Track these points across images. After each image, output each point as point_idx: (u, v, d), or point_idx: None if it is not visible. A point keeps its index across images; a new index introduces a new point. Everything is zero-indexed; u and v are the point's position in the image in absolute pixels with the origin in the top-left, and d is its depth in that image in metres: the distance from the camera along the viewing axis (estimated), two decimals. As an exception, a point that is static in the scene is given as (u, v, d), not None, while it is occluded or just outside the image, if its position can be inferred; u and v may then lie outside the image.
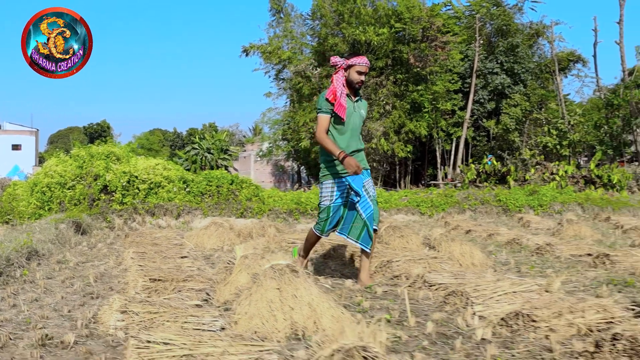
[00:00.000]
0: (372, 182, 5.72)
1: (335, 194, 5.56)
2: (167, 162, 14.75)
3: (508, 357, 3.22)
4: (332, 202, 5.55)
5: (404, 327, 3.89)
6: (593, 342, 3.13)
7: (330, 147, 5.45)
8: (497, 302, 4.21)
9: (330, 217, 5.54)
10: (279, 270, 3.99)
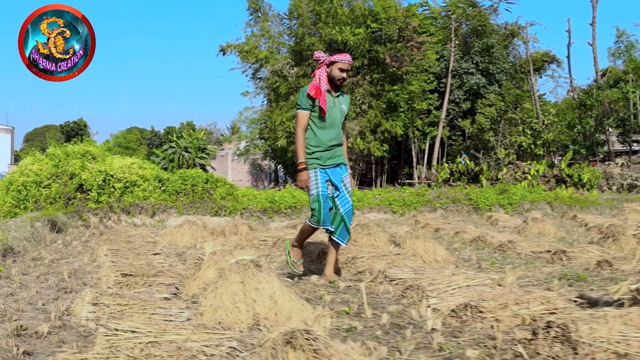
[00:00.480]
0: (350, 178, 5.85)
1: (320, 181, 5.58)
2: (143, 161, 14.89)
3: (454, 345, 3.45)
4: (319, 190, 5.55)
5: (361, 319, 4.12)
6: (531, 330, 3.37)
7: (299, 150, 5.61)
8: (451, 295, 4.46)
9: (322, 205, 5.50)
10: (243, 265, 4.19)
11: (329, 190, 5.63)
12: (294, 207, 13.59)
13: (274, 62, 31.96)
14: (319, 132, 5.68)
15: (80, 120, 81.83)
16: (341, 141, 5.87)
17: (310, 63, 31.56)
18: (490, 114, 34.00)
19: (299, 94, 5.78)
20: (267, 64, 32.33)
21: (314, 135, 5.68)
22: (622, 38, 37.96)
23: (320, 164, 5.66)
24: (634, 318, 3.27)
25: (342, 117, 5.90)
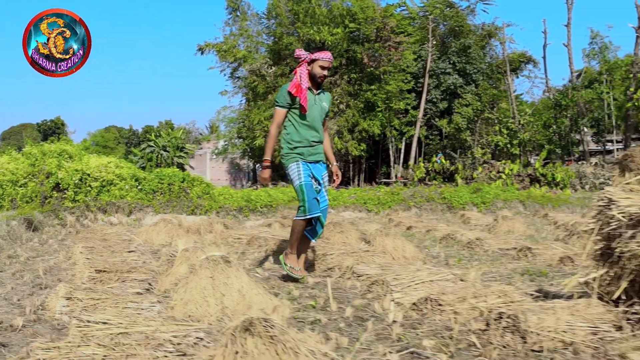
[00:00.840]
0: (327, 177, 5.97)
1: (303, 172, 5.65)
2: (120, 160, 14.96)
3: (412, 335, 3.62)
4: (302, 181, 5.60)
5: (326, 312, 4.28)
6: (484, 321, 3.55)
7: (267, 148, 5.78)
8: (414, 289, 4.63)
9: (307, 194, 5.53)
10: (213, 261, 4.34)
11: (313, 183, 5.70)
12: (270, 205, 13.72)
13: (252, 62, 32.07)
14: (300, 129, 5.75)
15: (57, 119, 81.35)
16: (322, 138, 5.96)
17: (289, 62, 31.70)
18: (467, 113, 34.32)
19: (278, 91, 5.84)
20: (246, 63, 32.43)
21: (297, 132, 5.75)
22: (596, 39, 38.51)
23: (302, 158, 5.74)
24: (581, 309, 3.45)
25: (323, 115, 5.98)
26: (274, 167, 32.88)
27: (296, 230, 5.68)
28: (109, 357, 2.78)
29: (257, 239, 8.46)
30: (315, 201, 5.58)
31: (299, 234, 5.70)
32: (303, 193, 5.55)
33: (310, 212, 5.51)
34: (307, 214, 5.52)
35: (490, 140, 34.49)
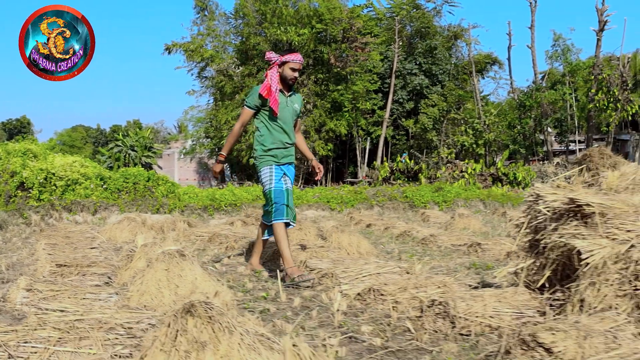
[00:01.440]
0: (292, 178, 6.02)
1: (275, 178, 5.70)
2: (85, 159, 15.02)
3: (353, 322, 3.87)
4: (272, 187, 5.67)
5: (276, 303, 4.51)
6: (419, 309, 3.81)
7: (227, 145, 5.99)
8: (362, 281, 4.88)
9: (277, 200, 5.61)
10: (169, 254, 4.56)
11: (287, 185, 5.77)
12: (235, 204, 13.91)
13: (219, 62, 32.14)
14: (274, 131, 5.79)
15: (23, 118, 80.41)
16: (294, 140, 6.00)
17: (256, 62, 31.83)
18: (432, 114, 34.72)
19: (250, 92, 5.88)
20: (213, 63, 32.48)
21: (270, 134, 5.78)
22: (558, 42, 39.13)
23: (276, 161, 5.80)
24: (508, 297, 3.73)
25: (295, 116, 6.03)
26: (243, 166, 33.04)
27: (279, 237, 5.65)
28: (63, 339, 2.99)
29: (219, 236, 8.65)
30: (285, 207, 5.64)
31: (285, 239, 5.65)
32: (272, 198, 5.65)
33: (281, 215, 5.61)
34: (278, 218, 5.60)
35: (456, 140, 34.95)
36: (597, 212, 3.62)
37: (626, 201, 3.77)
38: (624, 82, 32.49)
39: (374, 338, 3.44)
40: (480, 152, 34.20)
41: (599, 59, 33.75)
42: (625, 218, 3.62)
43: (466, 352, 3.22)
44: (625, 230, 3.57)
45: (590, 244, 3.50)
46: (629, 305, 3.41)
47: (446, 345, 3.26)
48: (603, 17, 33.49)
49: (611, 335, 2.89)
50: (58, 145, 69.51)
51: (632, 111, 32.49)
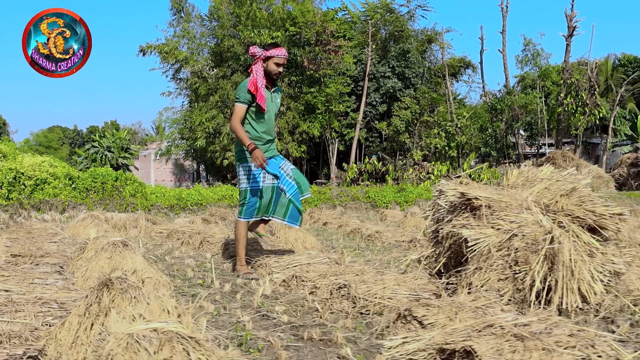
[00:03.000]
0: (289, 163, 6.02)
1: (252, 178, 5.71)
2: (54, 159, 15.36)
3: (272, 304, 4.29)
4: (249, 185, 5.70)
5: (208, 288, 4.93)
6: (328, 292, 4.24)
7: (242, 137, 5.61)
8: (292, 270, 5.30)
9: (247, 201, 5.66)
10: (113, 244, 4.98)
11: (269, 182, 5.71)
12: (200, 204, 14.29)
13: (193, 63, 32.45)
14: (257, 127, 5.80)
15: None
16: (274, 135, 6.07)
17: (230, 65, 32.18)
18: (405, 116, 35.19)
19: (239, 88, 5.83)
20: (187, 64, 32.78)
21: (253, 130, 5.78)
22: (529, 46, 39.84)
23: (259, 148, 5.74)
24: (408, 281, 4.18)
25: (277, 112, 6.10)
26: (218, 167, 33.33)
27: (239, 235, 5.76)
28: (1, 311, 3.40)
29: (176, 232, 9.04)
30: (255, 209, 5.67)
31: (244, 238, 5.76)
32: (244, 196, 5.72)
33: (248, 215, 5.69)
34: (244, 216, 5.70)
35: (429, 142, 35.46)
36: (483, 204, 4.07)
37: (514, 195, 4.23)
38: (591, 86, 33.19)
39: (283, 316, 3.87)
40: (453, 154, 34.72)
41: (568, 64, 34.43)
42: (509, 210, 4.08)
43: (359, 326, 3.65)
44: (509, 221, 4.02)
45: (477, 234, 3.95)
46: (510, 288, 3.86)
47: (344, 321, 3.69)
48: (572, 23, 34.15)
49: (481, 311, 3.34)
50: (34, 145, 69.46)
51: (599, 115, 33.22)
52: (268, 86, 5.91)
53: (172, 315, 2.43)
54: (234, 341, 3.32)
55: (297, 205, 5.77)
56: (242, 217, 5.73)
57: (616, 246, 4.17)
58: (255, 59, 5.87)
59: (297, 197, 5.79)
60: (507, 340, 2.63)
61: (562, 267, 3.78)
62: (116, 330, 2.18)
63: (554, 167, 16.59)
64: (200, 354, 2.10)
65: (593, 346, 2.66)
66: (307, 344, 3.27)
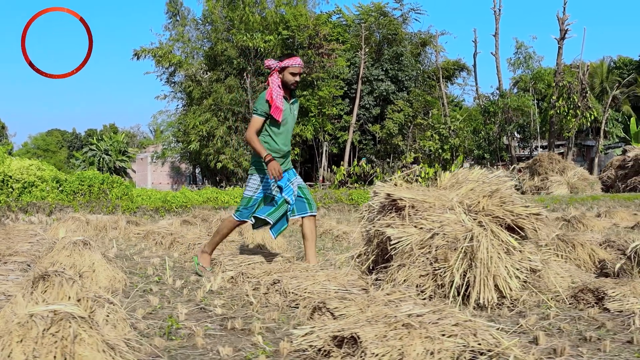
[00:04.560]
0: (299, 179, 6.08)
1: (260, 189, 5.74)
2: (41, 162, 15.65)
3: (214, 298, 4.58)
4: (254, 195, 5.75)
5: (162, 285, 5.23)
6: (267, 286, 4.53)
7: (258, 148, 5.64)
8: (245, 268, 5.59)
9: (249, 207, 5.72)
10: (74, 243, 5.28)
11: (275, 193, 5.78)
12: (185, 206, 14.59)
13: (187, 67, 32.78)
14: (276, 139, 5.81)
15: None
16: (289, 149, 6.07)
17: (224, 68, 32.52)
18: (398, 119, 35.45)
19: (257, 100, 5.82)
20: (181, 68, 33.11)
21: (272, 141, 5.79)
22: (521, 49, 40.17)
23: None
24: (339, 276, 4.47)
25: (294, 123, 6.09)
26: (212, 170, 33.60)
27: (222, 232, 5.87)
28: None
29: (152, 233, 9.32)
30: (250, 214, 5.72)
31: (225, 235, 5.91)
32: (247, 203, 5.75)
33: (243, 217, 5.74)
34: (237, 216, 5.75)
35: (422, 145, 35.72)
36: (407, 205, 4.36)
37: (439, 196, 4.52)
38: (583, 89, 33.46)
39: (218, 309, 4.15)
40: (446, 157, 34.99)
41: (560, 67, 34.72)
42: (432, 210, 4.36)
43: (282, 318, 3.93)
44: (432, 220, 4.31)
45: (400, 232, 4.24)
46: (430, 284, 4.15)
47: (271, 313, 3.97)
48: (564, 26, 34.43)
49: (394, 304, 3.62)
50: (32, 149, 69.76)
51: (591, 118, 33.48)
52: (286, 97, 5.88)
53: (72, 300, 2.72)
54: (162, 330, 3.60)
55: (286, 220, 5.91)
56: (235, 215, 5.79)
57: (535, 244, 4.46)
58: (270, 71, 5.86)
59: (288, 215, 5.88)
60: (395, 328, 2.91)
61: (479, 264, 4.06)
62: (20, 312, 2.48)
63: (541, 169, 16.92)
64: (82, 330, 2.39)
65: (475, 335, 2.93)
66: (227, 333, 3.56)
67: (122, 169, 53.88)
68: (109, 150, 54.08)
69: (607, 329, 3.66)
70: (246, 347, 3.24)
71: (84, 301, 2.82)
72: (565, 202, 17.72)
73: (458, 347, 2.84)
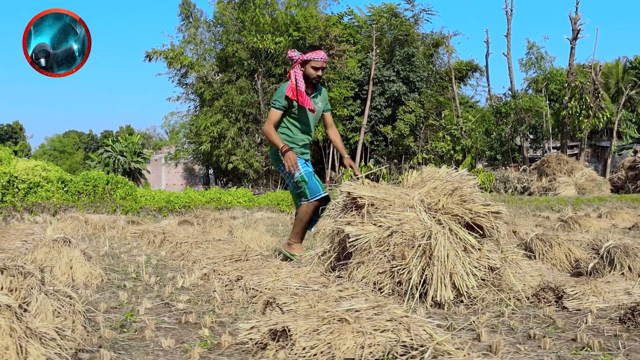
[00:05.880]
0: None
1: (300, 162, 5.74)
2: (47, 163, 15.91)
3: (181, 293, 4.69)
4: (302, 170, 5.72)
5: (137, 281, 5.35)
6: (231, 284, 4.64)
7: (275, 139, 5.70)
8: (219, 265, 5.70)
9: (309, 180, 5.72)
10: (54, 240, 5.43)
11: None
12: (188, 206, 14.75)
13: (198, 69, 33.01)
14: (294, 131, 5.89)
15: (15, 124, 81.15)
16: (311, 140, 6.11)
17: (235, 70, 32.71)
18: (409, 120, 35.49)
19: (276, 93, 5.83)
20: (192, 70, 33.34)
21: (292, 134, 5.88)
22: (532, 50, 40.06)
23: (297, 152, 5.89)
24: (301, 274, 4.57)
25: (319, 116, 6.09)
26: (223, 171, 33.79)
27: (302, 218, 5.89)
28: None
29: (147, 233, 9.46)
30: (318, 184, 5.78)
31: (305, 223, 5.93)
32: (304, 182, 5.73)
33: (315, 193, 5.75)
34: (311, 197, 5.75)
35: (434, 146, 35.75)
36: (367, 203, 4.46)
37: (400, 195, 4.61)
38: (596, 89, 33.31)
39: (181, 304, 4.26)
40: (458, 158, 35.04)
41: (572, 67, 34.61)
42: (392, 209, 4.45)
43: (241, 312, 4.04)
44: (391, 218, 4.40)
45: (358, 230, 4.34)
46: (388, 281, 4.24)
47: (230, 309, 4.08)
48: (577, 26, 34.32)
49: (345, 300, 3.72)
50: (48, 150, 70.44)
51: (603, 118, 33.32)
52: (308, 91, 5.87)
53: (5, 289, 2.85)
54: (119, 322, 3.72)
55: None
56: (309, 199, 5.78)
57: (496, 243, 4.53)
58: (292, 63, 5.87)
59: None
60: (329, 322, 3.00)
61: (437, 262, 4.14)
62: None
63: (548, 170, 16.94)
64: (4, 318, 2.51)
65: (408, 330, 3.02)
66: (179, 327, 3.67)
67: (137, 170, 54.31)
68: (124, 151, 54.53)
69: (556, 327, 3.72)
70: (191, 340, 3.35)
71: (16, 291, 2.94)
72: (571, 203, 17.69)
73: (390, 341, 2.93)
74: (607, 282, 4.65)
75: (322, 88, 6.14)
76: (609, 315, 3.99)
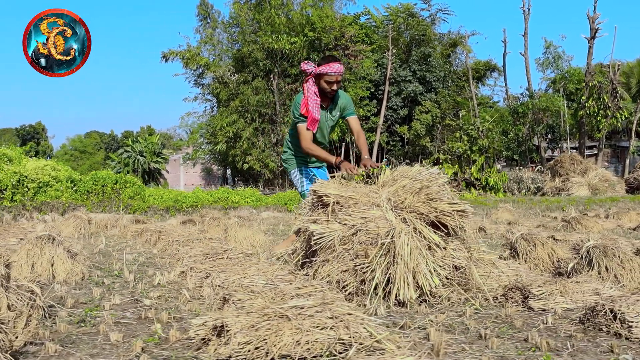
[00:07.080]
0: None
1: (304, 180, 5.87)
2: (57, 163, 16.12)
3: (154, 290, 4.78)
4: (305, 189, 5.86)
5: (117, 278, 5.46)
6: (201, 280, 4.72)
7: (323, 155, 5.71)
8: (201, 263, 5.79)
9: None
10: (39, 238, 5.55)
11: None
12: (195, 205, 14.88)
13: (214, 69, 33.18)
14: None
15: (38, 124, 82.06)
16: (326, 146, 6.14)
17: (251, 70, 32.85)
18: (426, 120, 35.40)
19: (294, 105, 5.78)
20: (209, 70, 33.54)
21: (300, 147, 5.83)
22: (550, 49, 39.79)
23: (304, 162, 6.03)
24: (269, 271, 4.64)
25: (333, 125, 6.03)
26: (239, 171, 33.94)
27: None
28: None
29: (147, 231, 9.59)
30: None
31: None
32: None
33: None
34: None
35: (450, 146, 35.61)
36: (332, 201, 4.52)
37: (367, 193, 4.66)
38: (614, 89, 33.01)
39: (149, 300, 4.35)
40: (475, 158, 34.87)
41: (590, 66, 34.33)
42: (357, 207, 4.51)
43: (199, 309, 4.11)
44: (356, 217, 4.45)
45: (323, 228, 4.39)
46: (352, 280, 4.29)
47: (193, 305, 4.16)
48: (595, 25, 34.02)
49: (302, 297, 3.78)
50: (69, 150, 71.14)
51: (622, 118, 33.01)
52: (323, 105, 5.77)
53: None
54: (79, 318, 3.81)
55: None
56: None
57: (462, 241, 4.57)
58: (306, 76, 5.73)
59: None
60: (269, 319, 3.07)
61: (400, 261, 4.19)
62: None
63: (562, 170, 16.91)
64: None
65: (347, 327, 3.08)
66: (136, 322, 3.76)
67: (157, 170, 54.64)
68: (143, 151, 54.87)
69: (513, 327, 3.73)
70: (142, 335, 3.43)
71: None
72: (582, 203, 17.61)
73: (329, 339, 2.98)
74: (577, 282, 4.67)
75: (340, 95, 5.96)
76: (571, 316, 4.01)
